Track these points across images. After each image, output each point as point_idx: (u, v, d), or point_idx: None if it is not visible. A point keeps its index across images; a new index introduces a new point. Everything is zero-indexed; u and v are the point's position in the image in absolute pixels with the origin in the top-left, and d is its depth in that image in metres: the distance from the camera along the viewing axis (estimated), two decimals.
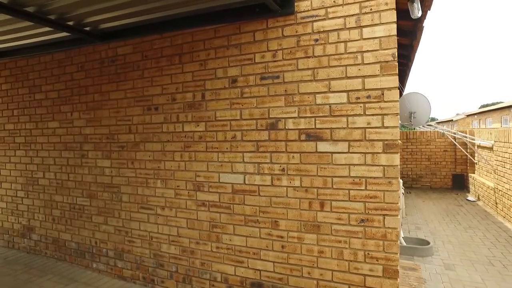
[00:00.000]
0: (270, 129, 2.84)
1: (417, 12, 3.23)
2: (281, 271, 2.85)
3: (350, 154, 2.58)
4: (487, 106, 44.73)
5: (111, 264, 3.80)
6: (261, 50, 2.86)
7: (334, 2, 2.58)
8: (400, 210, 2.54)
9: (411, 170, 10.30)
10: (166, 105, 3.31)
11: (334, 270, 2.66)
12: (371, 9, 2.47)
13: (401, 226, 5.01)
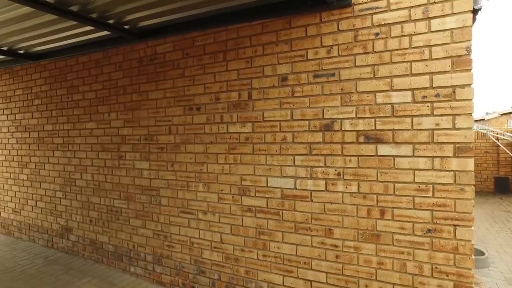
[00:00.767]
0: (324, 130, 2.64)
1: (481, 0, 2.95)
2: (334, 283, 2.66)
3: (415, 158, 2.36)
4: None
5: (150, 268, 3.70)
6: (314, 46, 2.67)
7: None
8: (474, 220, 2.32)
9: None
10: (209, 105, 3.18)
11: (396, 284, 2.44)
12: None
13: None
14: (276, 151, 2.84)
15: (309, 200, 2.73)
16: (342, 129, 2.58)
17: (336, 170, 2.61)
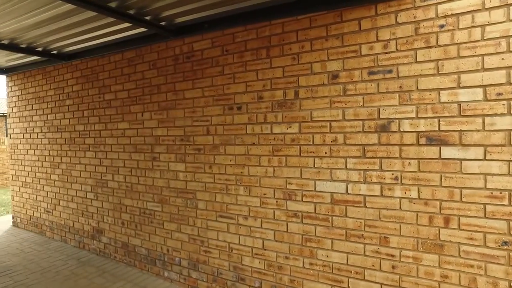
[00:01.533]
0: (380, 131, 2.45)
1: None
2: None
3: (487, 162, 2.14)
4: None
5: (185, 274, 3.58)
6: (368, 40, 2.48)
7: None
8: None
9: None
10: (251, 104, 3.02)
11: None
12: None
13: None
14: (325, 153, 2.66)
15: (362, 205, 2.54)
16: (401, 130, 2.38)
17: (393, 174, 2.42)
